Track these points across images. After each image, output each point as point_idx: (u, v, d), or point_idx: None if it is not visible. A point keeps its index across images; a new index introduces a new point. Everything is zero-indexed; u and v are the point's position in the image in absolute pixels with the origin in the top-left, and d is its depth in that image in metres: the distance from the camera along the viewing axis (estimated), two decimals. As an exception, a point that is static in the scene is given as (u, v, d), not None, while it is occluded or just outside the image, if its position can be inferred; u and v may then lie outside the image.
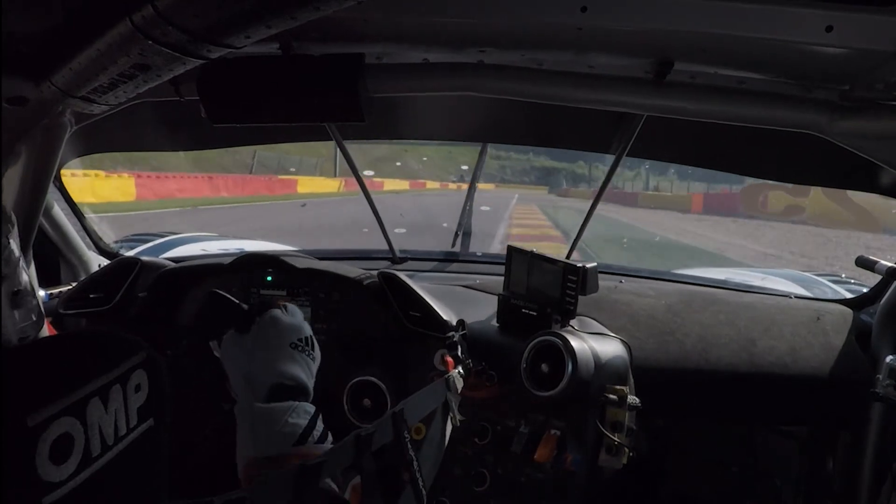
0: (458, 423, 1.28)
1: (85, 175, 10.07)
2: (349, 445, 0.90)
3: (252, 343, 1.04)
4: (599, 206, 2.15)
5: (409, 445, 1.03)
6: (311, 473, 0.80)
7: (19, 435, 0.54)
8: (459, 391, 1.32)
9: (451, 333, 1.51)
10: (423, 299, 1.72)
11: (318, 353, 1.10)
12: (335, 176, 19.52)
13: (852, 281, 2.55)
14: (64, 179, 2.11)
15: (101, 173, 11.45)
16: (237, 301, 1.11)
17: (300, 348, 1.05)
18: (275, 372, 1.01)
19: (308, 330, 1.10)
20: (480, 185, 2.70)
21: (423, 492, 1.03)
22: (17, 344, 1.08)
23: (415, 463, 1.02)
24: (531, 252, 1.70)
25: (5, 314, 1.07)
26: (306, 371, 1.05)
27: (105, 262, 2.22)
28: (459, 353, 1.43)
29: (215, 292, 1.12)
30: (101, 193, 10.79)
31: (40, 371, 0.61)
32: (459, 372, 1.36)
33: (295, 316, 1.10)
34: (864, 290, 2.03)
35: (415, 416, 1.11)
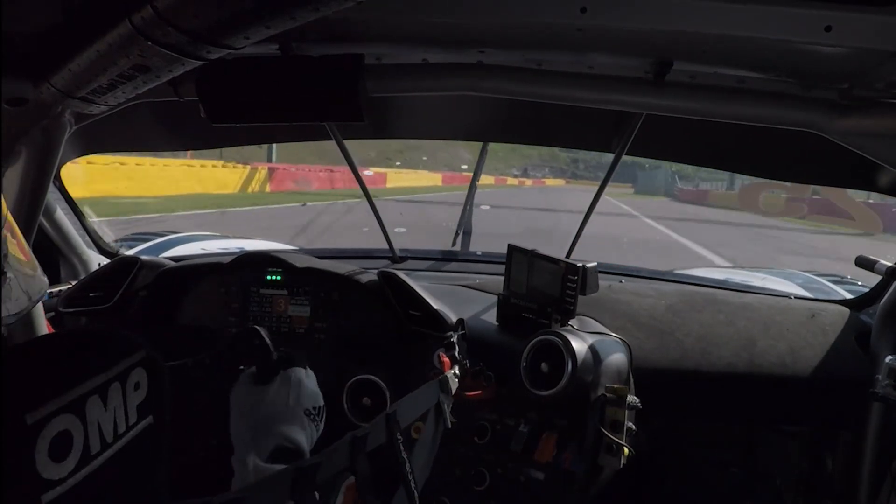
0: (451, 425, 1.28)
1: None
2: (344, 446, 0.90)
3: (270, 396, 1.04)
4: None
5: (402, 447, 1.03)
6: (308, 475, 0.81)
7: (18, 432, 0.54)
8: (454, 392, 1.32)
9: (448, 333, 1.51)
10: (423, 298, 1.73)
11: (323, 424, 1.10)
12: (270, 161, 13.38)
13: (858, 283, 2.55)
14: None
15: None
16: (272, 347, 1.11)
17: (312, 417, 1.05)
18: (283, 434, 1.00)
19: (321, 399, 1.10)
20: (549, 181, 2.68)
21: (416, 493, 1.03)
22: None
23: (407, 464, 1.03)
24: (531, 251, 1.70)
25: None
26: (310, 440, 1.05)
27: (105, 261, 2.22)
28: (456, 354, 1.43)
29: (256, 329, 1.13)
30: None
31: (39, 369, 0.61)
32: (455, 373, 1.36)
33: (314, 381, 1.10)
34: (865, 290, 2.03)
35: (408, 417, 1.11)
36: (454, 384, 1.33)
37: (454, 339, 1.46)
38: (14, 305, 0.72)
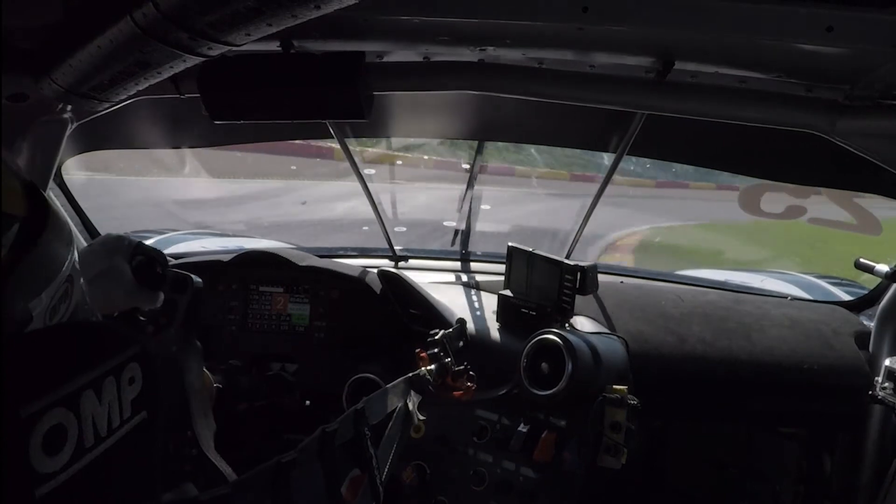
0: (417, 422, 1.28)
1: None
2: (314, 441, 0.92)
3: None
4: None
5: (369, 442, 1.04)
6: (286, 469, 0.84)
7: (12, 426, 0.54)
8: (424, 390, 1.32)
9: (433, 331, 1.51)
10: (423, 297, 1.72)
11: None
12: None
13: (852, 283, 2.55)
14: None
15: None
16: None
17: None
18: None
19: None
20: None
21: (381, 487, 1.05)
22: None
23: (374, 460, 1.04)
24: (531, 251, 1.70)
25: None
26: None
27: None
28: (437, 351, 1.42)
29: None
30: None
31: (34, 362, 0.61)
32: (429, 370, 1.35)
33: None
34: (863, 292, 2.03)
35: (377, 412, 1.12)
36: (425, 382, 1.33)
37: (437, 337, 1.46)
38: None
